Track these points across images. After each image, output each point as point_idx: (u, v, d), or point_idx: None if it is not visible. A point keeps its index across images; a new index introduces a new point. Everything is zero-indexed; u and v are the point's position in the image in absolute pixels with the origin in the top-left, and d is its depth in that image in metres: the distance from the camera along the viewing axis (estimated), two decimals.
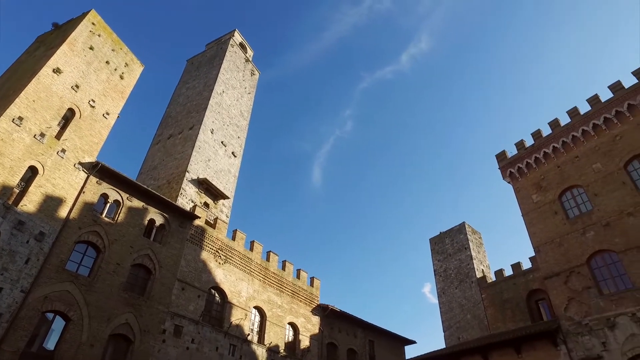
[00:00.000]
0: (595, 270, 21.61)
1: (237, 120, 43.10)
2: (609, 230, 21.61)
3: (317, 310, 32.39)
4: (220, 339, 24.10)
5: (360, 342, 34.28)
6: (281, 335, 28.31)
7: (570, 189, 24.72)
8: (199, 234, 25.80)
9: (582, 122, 25.21)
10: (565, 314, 21.54)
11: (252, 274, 28.22)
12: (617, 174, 22.60)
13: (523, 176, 27.56)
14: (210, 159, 36.30)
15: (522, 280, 28.63)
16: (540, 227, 24.95)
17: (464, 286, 32.28)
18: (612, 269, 20.95)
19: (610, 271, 20.96)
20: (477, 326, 29.86)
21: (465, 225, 35.59)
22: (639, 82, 23.37)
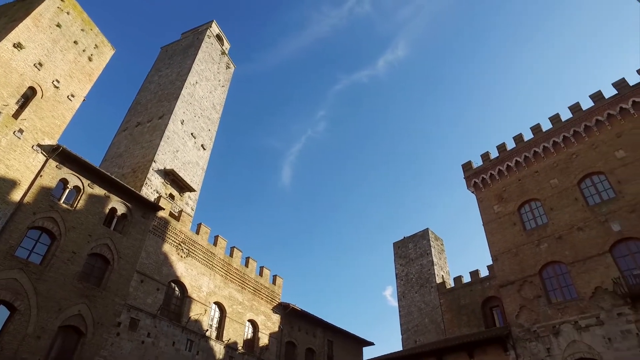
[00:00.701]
0: (546, 280, 22.73)
1: (209, 113, 42.37)
2: (560, 243, 22.76)
3: (278, 308, 32.33)
4: (177, 333, 23.63)
5: (320, 342, 34.48)
6: (240, 332, 28.07)
7: (529, 202, 25.86)
8: (162, 225, 25.19)
9: (544, 138, 26.42)
10: (517, 321, 22.51)
11: (214, 269, 27.83)
12: (571, 190, 23.84)
13: (486, 187, 28.56)
14: (179, 150, 35.52)
15: (479, 288, 29.67)
16: (499, 237, 25.95)
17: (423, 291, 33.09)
18: (560, 280, 22.09)
19: (559, 281, 22.09)
20: (434, 330, 30.69)
21: (428, 232, 36.47)
22: (594, 105, 24.75)
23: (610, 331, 18.88)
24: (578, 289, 20.95)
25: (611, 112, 23.81)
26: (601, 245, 21.06)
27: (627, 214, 20.85)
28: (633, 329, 18.24)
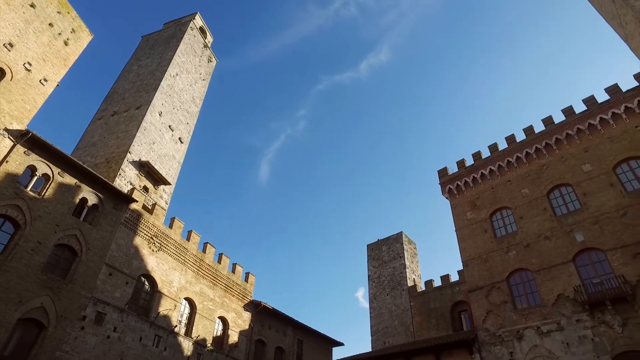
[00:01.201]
0: (513, 286, 23.43)
1: (188, 106, 41.72)
2: (528, 251, 23.50)
3: (250, 306, 32.13)
4: (145, 328, 23.16)
5: (290, 341, 34.46)
6: (210, 329, 27.76)
7: (500, 210, 26.57)
8: (135, 218, 24.66)
9: (517, 149, 27.20)
10: (483, 326, 23.11)
11: (186, 264, 27.43)
12: (540, 200, 24.65)
13: (460, 193, 29.18)
14: (155, 142, 34.84)
15: (448, 292, 30.29)
16: (470, 243, 26.56)
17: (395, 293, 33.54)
18: (526, 286, 22.81)
19: (525, 288, 22.81)
20: (403, 332, 31.14)
21: (402, 235, 36.99)
22: (566, 119, 25.68)
23: (569, 336, 19.64)
24: (542, 296, 21.68)
25: (580, 127, 24.74)
26: (565, 254, 21.86)
27: (591, 225, 21.72)
28: (589, 334, 19.08)
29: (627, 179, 21.98)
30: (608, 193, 22.05)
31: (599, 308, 19.26)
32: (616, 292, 18.90)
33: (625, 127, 23.22)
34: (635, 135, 22.62)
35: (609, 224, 21.14)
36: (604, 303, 19.03)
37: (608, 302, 18.88)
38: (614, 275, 19.59)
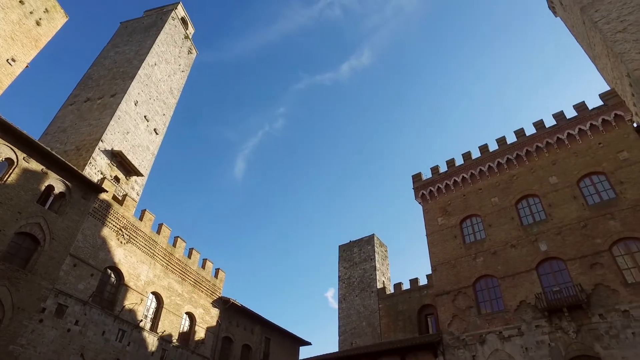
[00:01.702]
0: (479, 292, 24.08)
1: (166, 97, 40.91)
2: (494, 258, 24.21)
3: (218, 302, 31.81)
4: (109, 322, 22.59)
5: (257, 339, 34.31)
6: (177, 324, 27.33)
7: (470, 217, 27.25)
8: (104, 208, 24.02)
9: (489, 158, 27.96)
10: (448, 329, 23.66)
11: (155, 257, 26.91)
12: (509, 209, 25.43)
13: (433, 199, 29.75)
14: (130, 132, 34.00)
15: (416, 295, 30.84)
16: (440, 248, 27.13)
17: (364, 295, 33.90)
18: (491, 292, 23.50)
19: (490, 294, 23.50)
20: (371, 333, 31.50)
21: (374, 237, 37.41)
22: (536, 132, 26.59)
23: (528, 341, 20.40)
24: (505, 302, 22.39)
25: (549, 140, 25.66)
26: (529, 262, 22.64)
27: (554, 235, 22.57)
28: (546, 339, 19.90)
29: (589, 192, 22.96)
30: (571, 205, 22.97)
31: (556, 315, 20.06)
32: (573, 300, 19.74)
33: (589, 143, 24.23)
34: (597, 152, 23.64)
35: (570, 235, 22.02)
36: (561, 310, 19.85)
37: (565, 309, 19.70)
38: (572, 284, 20.44)
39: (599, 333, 18.69)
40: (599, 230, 21.21)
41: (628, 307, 18.50)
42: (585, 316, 19.31)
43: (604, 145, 23.63)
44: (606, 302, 19.19)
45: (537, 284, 21.69)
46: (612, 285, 19.43)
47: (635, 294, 18.65)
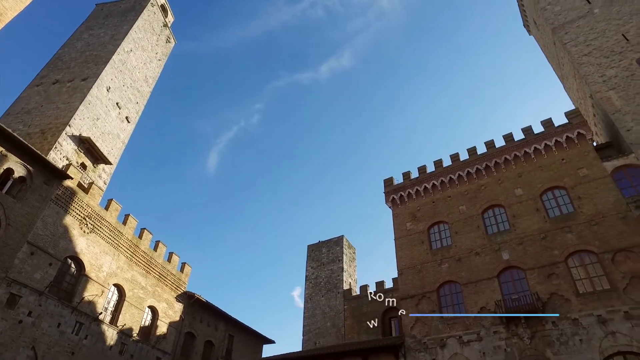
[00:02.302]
0: (442, 297, 24.69)
1: (140, 85, 39.87)
2: (459, 265, 24.88)
3: (182, 297, 31.27)
4: (66, 314, 21.80)
5: (221, 335, 33.95)
6: (138, 318, 26.68)
7: (438, 224, 27.89)
8: (67, 196, 23.18)
9: (460, 167, 28.72)
10: (411, 332, 24.13)
11: (119, 249, 26.19)
12: (475, 218, 26.20)
13: (403, 204, 30.27)
14: (100, 118, 32.93)
15: None
16: (407, 253, 27.64)
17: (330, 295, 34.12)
18: (454, 298, 24.14)
19: (453, 299, 24.14)
20: (335, 334, 31.73)
21: (343, 239, 37.71)
22: (505, 145, 27.54)
23: (486, 346, 21.09)
24: (467, 308, 23.05)
25: (517, 153, 26.62)
26: (492, 270, 23.42)
27: (516, 245, 23.44)
28: (503, 345, 20.66)
29: (550, 205, 23.98)
30: (533, 217, 23.91)
31: (513, 322, 20.82)
32: (529, 308, 20.57)
33: (553, 159, 25.31)
34: (560, 167, 24.74)
35: (531, 246, 22.93)
36: (518, 317, 20.62)
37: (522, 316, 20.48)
38: (529, 292, 21.28)
39: (551, 340, 19.56)
40: (557, 242, 22.19)
41: (578, 315, 19.47)
42: (540, 324, 20.16)
43: (567, 162, 24.73)
44: (559, 310, 20.10)
45: (497, 292, 22.45)
46: (565, 295, 20.38)
47: (585, 304, 19.65)
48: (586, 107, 31.54)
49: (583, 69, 28.78)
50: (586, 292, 20.04)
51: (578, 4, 32.98)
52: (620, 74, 26.89)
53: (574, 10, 32.87)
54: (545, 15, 34.78)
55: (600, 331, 18.71)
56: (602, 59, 28.34)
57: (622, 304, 18.80)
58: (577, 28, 31.39)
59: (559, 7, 34.15)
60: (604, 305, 19.16)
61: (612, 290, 19.43)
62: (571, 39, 31.00)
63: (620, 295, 19.10)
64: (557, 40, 32.75)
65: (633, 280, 19.13)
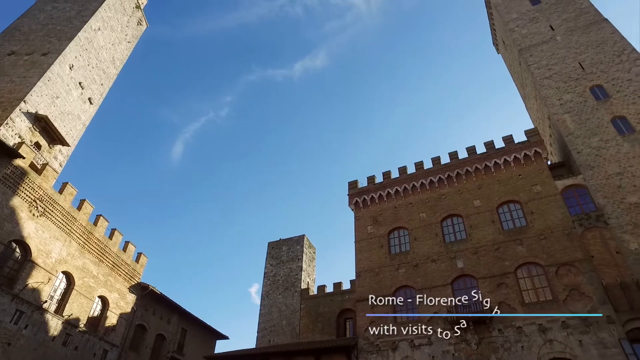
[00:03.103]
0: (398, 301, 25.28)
1: (106, 66, 38.28)
2: (416, 271, 25.58)
3: (136, 288, 30.32)
4: (5, 302, 20.52)
5: (173, 329, 33.19)
6: (87, 308, 25.61)
7: (398, 229, 28.55)
8: (17, 176, 21.91)
9: (423, 175, 29.52)
10: (364, 334, 24.55)
11: (72, 235, 25.04)
12: (434, 226, 27.02)
13: (365, 207, 30.76)
14: (60, 97, 31.33)
15: (338, 299, 31.64)
16: (366, 256, 28.11)
17: (287, 294, 34.13)
18: (408, 303, 24.82)
19: (407, 304, 24.80)
20: (289, 333, 31.77)
21: (304, 238, 37.83)
22: (468, 157, 28.59)
23: (435, 350, 21.86)
24: (420, 312, 23.72)
25: (478, 166, 27.70)
26: (446, 277, 24.25)
27: (471, 254, 24.40)
28: (452, 350, 21.52)
29: (505, 218, 25.15)
30: (489, 228, 24.98)
31: (463, 328, 21.66)
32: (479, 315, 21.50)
33: (511, 174, 26.53)
34: (517, 182, 25.99)
35: (484, 256, 23.94)
36: (467, 323, 21.48)
37: (471, 323, 21.37)
38: (480, 300, 22.21)
39: (496, 346, 20.56)
40: (508, 254, 23.31)
41: (522, 324, 20.59)
42: (487, 330, 21.12)
43: (523, 177, 26.00)
44: (506, 318, 21.13)
45: (450, 298, 23.26)
46: (512, 304, 21.46)
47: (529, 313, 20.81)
48: (544, 127, 33.25)
49: (544, 90, 30.33)
50: (531, 302, 21.19)
51: (543, 30, 34.74)
52: (575, 99, 28.57)
53: (539, 35, 34.59)
54: (513, 37, 36.37)
55: (540, 339, 19.88)
56: (561, 83, 30.00)
57: (561, 314, 20.06)
58: (540, 52, 33.05)
59: (526, 30, 35.82)
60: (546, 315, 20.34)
61: (553, 301, 20.68)
62: (535, 61, 32.59)
63: (560, 306, 20.36)
64: (522, 61, 34.34)
65: (572, 293, 20.46)
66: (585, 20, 33.01)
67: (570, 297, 20.41)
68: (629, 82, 27.41)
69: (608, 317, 19.10)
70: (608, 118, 26.42)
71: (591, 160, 25.02)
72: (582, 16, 33.43)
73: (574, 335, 19.35)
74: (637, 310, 19.13)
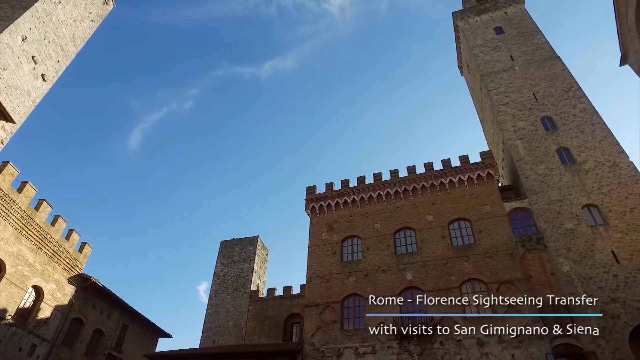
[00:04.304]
0: (345, 309, 25.64)
1: (65, 43, 36.21)
2: (366, 280, 26.03)
3: (76, 279, 28.71)
4: None
5: (113, 325, 31.71)
6: (17, 298, 23.92)
7: (352, 237, 28.97)
8: None
9: (380, 187, 30.15)
10: (310, 340, 24.63)
11: (8, 218, 23.38)
12: (387, 237, 27.64)
13: (322, 213, 30.97)
14: (8, 69, 29.22)
15: (287, 303, 31.55)
16: (318, 262, 28.28)
17: (236, 294, 33.61)
18: (356, 311, 25.20)
19: (355, 312, 25.19)
20: (235, 334, 31.24)
21: (258, 239, 37.49)
22: (425, 172, 29.55)
23: (379, 359, 22.27)
24: (366, 321, 24.12)
25: (434, 182, 28.68)
26: (394, 288, 24.84)
27: (420, 267, 25.17)
28: (394, 359, 21.98)
29: (455, 235, 26.19)
30: (439, 243, 25.89)
31: (406, 339, 22.29)
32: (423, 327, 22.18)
33: (464, 192, 27.68)
34: (468, 201, 27.15)
35: (433, 270, 24.77)
36: (411, 335, 22.09)
37: (414, 334, 22.01)
38: (425, 313, 22.93)
39: (437, 357, 21.32)
40: (455, 269, 24.27)
41: (462, 337, 21.47)
42: (430, 342, 21.83)
43: (475, 197, 27.20)
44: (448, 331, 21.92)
45: (397, 309, 23.84)
46: (455, 318, 22.32)
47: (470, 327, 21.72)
48: (498, 150, 35.01)
49: (500, 116, 31.98)
50: (472, 317, 22.14)
51: (504, 58, 36.68)
52: (527, 127, 30.33)
53: (500, 63, 36.48)
54: (477, 62, 38.12)
55: (478, 352, 20.84)
56: (516, 110, 31.75)
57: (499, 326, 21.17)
58: (500, 79, 34.87)
59: (489, 57, 37.67)
60: (485, 330, 21.33)
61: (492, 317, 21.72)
62: (495, 87, 34.34)
63: (498, 321, 21.42)
64: (483, 86, 36.06)
65: (510, 309, 21.61)
66: (541, 55, 35.19)
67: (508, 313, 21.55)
68: (573, 116, 29.45)
69: (538, 334, 20.35)
70: (554, 148, 28.20)
71: (537, 186, 26.58)
72: (539, 51, 35.62)
73: (508, 349, 20.47)
74: (564, 328, 20.49)
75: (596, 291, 21.04)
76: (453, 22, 44.57)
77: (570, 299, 20.67)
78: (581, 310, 20.50)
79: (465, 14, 43.21)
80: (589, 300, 20.45)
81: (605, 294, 20.86)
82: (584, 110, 29.40)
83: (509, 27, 39.59)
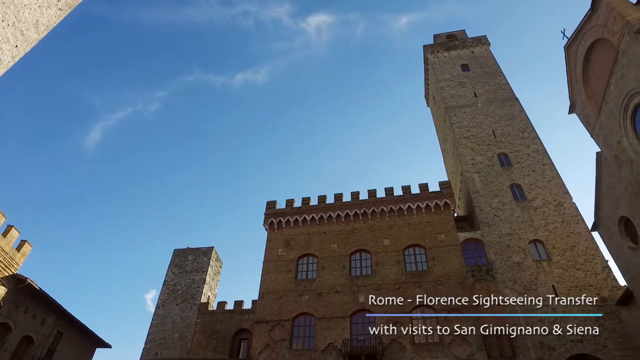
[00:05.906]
0: (296, 327, 25.27)
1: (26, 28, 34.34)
2: (318, 299, 25.86)
3: (9, 280, 26.55)
4: None
5: (47, 331, 29.47)
6: None
7: (308, 256, 28.84)
8: None
9: (340, 207, 30.38)
10: (258, 357, 24.04)
11: None
12: (343, 258, 27.74)
13: (280, 229, 30.71)
14: None
15: (237, 317, 30.71)
16: (272, 278, 27.87)
17: (185, 305, 32.36)
18: (307, 330, 24.89)
19: (305, 331, 24.87)
20: (180, 347, 29.93)
21: (213, 250, 36.51)
22: (385, 197, 30.10)
23: None
24: (316, 342, 23.90)
25: (393, 207, 29.24)
26: (346, 310, 24.83)
27: (373, 290, 25.32)
28: None
29: (409, 260, 26.68)
30: (393, 268, 26.25)
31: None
32: (371, 350, 22.26)
33: (421, 219, 28.37)
34: (425, 228, 27.84)
35: (386, 293, 24.95)
36: (360, 357, 22.05)
37: (363, 357, 22.01)
38: (374, 336, 22.98)
39: None
40: (407, 294, 24.58)
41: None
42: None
43: (431, 225, 27.92)
44: (396, 356, 22.11)
45: (347, 331, 23.79)
46: (403, 343, 22.55)
47: (417, 353, 22.08)
48: (456, 181, 36.32)
49: (461, 149, 33.33)
50: (420, 343, 22.44)
51: (468, 94, 38.49)
52: (485, 161, 31.74)
53: (464, 98, 38.22)
54: (443, 95, 39.75)
55: None
56: (476, 145, 33.21)
57: (444, 357, 21.47)
58: (463, 114, 36.48)
59: (454, 91, 39.40)
60: (431, 357, 21.66)
61: (439, 344, 22.11)
62: (458, 121, 35.85)
63: (445, 349, 21.81)
64: (447, 118, 37.57)
65: (456, 337, 22.08)
66: (502, 95, 37.23)
67: (455, 341, 22.00)
68: (527, 156, 31.16)
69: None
70: (508, 184, 29.61)
71: (490, 218, 27.69)
72: (500, 91, 37.68)
73: None
74: (505, 356, 21.14)
75: (536, 322, 21.95)
76: (424, 54, 46.41)
77: (512, 329, 21.42)
78: (522, 340, 21.32)
79: (436, 49, 45.18)
80: (528, 331, 21.29)
81: (544, 325, 21.81)
82: (537, 151, 31.18)
83: (474, 65, 41.70)
